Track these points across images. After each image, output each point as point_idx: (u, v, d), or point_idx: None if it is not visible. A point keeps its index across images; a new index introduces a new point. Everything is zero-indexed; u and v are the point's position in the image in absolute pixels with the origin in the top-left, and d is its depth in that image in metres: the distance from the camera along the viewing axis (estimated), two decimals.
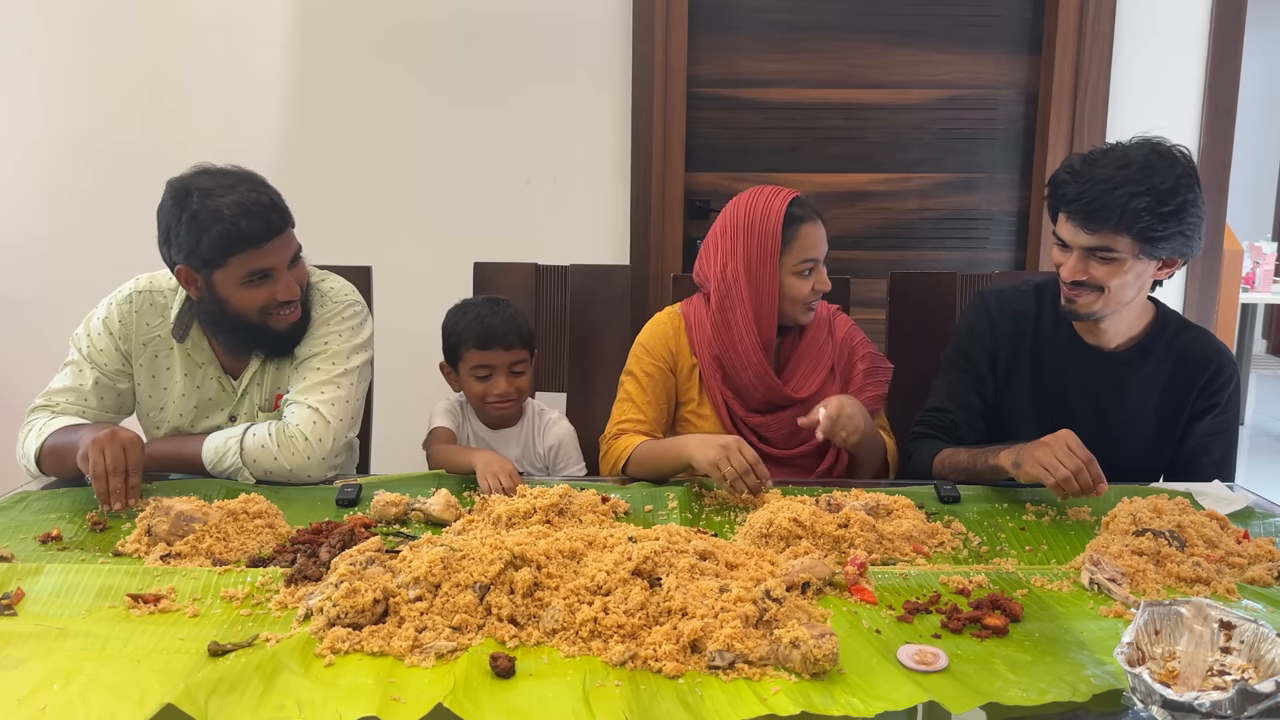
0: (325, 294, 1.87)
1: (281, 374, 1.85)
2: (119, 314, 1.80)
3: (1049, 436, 1.60)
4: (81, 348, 1.80)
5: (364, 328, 1.89)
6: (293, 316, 1.78)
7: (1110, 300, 1.72)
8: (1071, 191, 1.68)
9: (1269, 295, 5.16)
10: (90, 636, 1.12)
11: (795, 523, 1.42)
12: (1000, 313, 1.89)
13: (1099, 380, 1.83)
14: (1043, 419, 1.82)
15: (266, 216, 1.69)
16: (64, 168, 2.83)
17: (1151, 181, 1.63)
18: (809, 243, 1.88)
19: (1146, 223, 1.63)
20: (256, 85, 2.81)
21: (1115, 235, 1.65)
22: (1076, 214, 1.67)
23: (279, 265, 1.73)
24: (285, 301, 1.75)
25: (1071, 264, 1.71)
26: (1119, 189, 1.63)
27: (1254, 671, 1.01)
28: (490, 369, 1.96)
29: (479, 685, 1.02)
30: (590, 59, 2.80)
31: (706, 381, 1.94)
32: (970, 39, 2.90)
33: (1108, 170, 1.65)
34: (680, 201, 2.87)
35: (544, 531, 1.36)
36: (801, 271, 1.88)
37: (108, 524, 1.52)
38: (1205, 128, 2.82)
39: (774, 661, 1.06)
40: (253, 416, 1.84)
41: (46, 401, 1.77)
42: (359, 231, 2.84)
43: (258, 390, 1.85)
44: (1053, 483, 1.55)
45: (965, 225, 2.98)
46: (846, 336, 1.99)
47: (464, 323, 1.98)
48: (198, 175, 1.72)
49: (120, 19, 2.78)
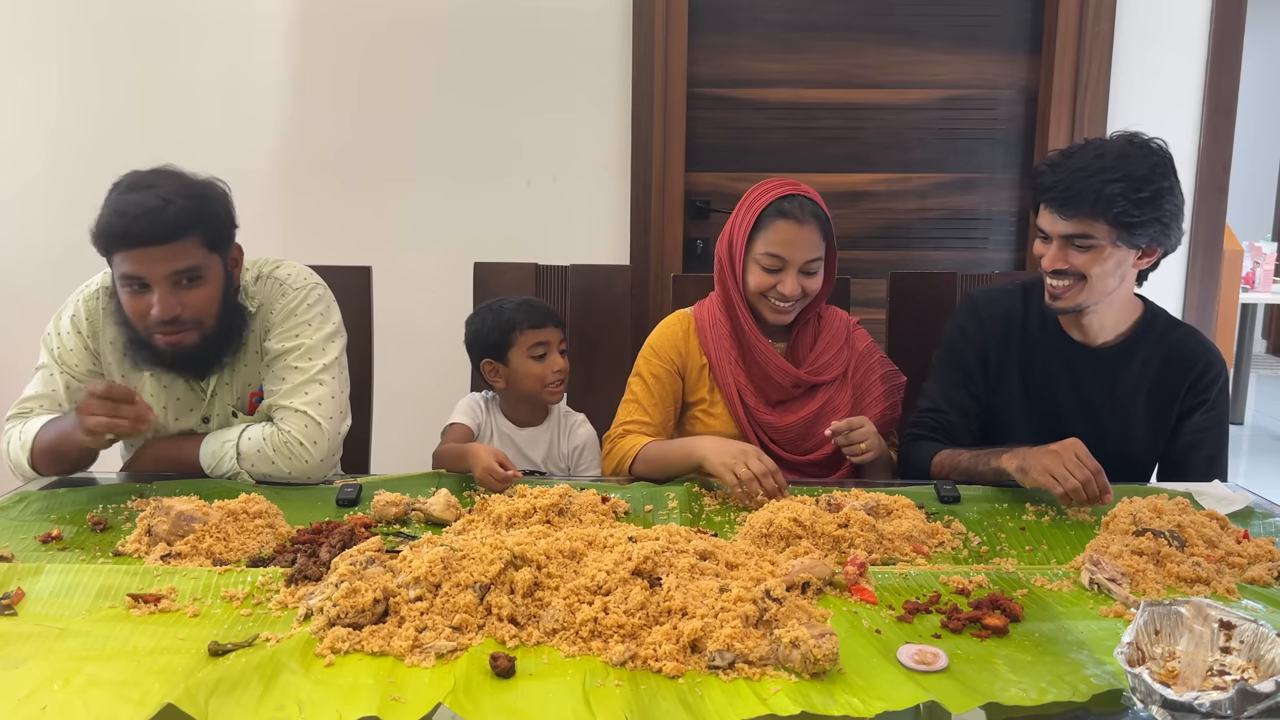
0: (283, 281, 1.80)
1: (250, 371, 1.80)
2: (85, 310, 1.77)
3: (1057, 445, 1.60)
4: (52, 349, 1.77)
5: (331, 312, 1.82)
6: (175, 339, 1.64)
7: (1092, 290, 1.74)
8: (1049, 180, 1.72)
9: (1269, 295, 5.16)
10: (90, 636, 1.12)
11: (795, 523, 1.42)
12: (989, 313, 1.91)
13: (1088, 377, 1.84)
14: (1033, 417, 1.85)
15: (138, 221, 1.56)
16: (63, 167, 2.83)
17: (1127, 169, 1.66)
18: (778, 239, 1.85)
19: (1122, 208, 1.66)
20: (257, 85, 2.81)
21: (1092, 221, 1.69)
22: (1054, 201, 1.71)
23: (153, 278, 1.59)
24: (163, 320, 1.61)
25: (1052, 253, 1.74)
26: (1094, 176, 1.67)
27: (1254, 671, 1.01)
28: (546, 345, 1.99)
29: (479, 685, 1.02)
30: (590, 59, 2.80)
31: (720, 374, 1.93)
32: (970, 39, 2.90)
33: (1084, 160, 1.69)
34: (680, 201, 2.88)
35: (544, 531, 1.36)
36: (764, 264, 1.86)
37: (108, 524, 1.51)
38: (1205, 128, 2.82)
39: (774, 661, 1.06)
40: (225, 418, 1.80)
41: (20, 410, 1.75)
42: (359, 231, 2.84)
43: (227, 390, 1.80)
44: (1061, 492, 1.55)
45: (965, 225, 2.98)
46: (866, 351, 1.99)
47: (509, 310, 2.01)
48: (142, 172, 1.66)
49: (120, 18, 2.78)
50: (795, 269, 1.86)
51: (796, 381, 1.92)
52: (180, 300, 1.62)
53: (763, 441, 1.90)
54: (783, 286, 1.86)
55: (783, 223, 1.85)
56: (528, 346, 1.98)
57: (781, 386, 1.92)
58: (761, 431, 1.92)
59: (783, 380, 1.91)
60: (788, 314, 1.91)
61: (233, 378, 1.81)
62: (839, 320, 2.00)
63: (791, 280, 1.86)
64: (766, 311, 1.91)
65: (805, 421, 1.92)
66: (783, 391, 1.93)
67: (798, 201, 1.87)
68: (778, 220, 1.86)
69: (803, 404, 1.94)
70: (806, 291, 1.88)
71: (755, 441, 1.88)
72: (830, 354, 1.96)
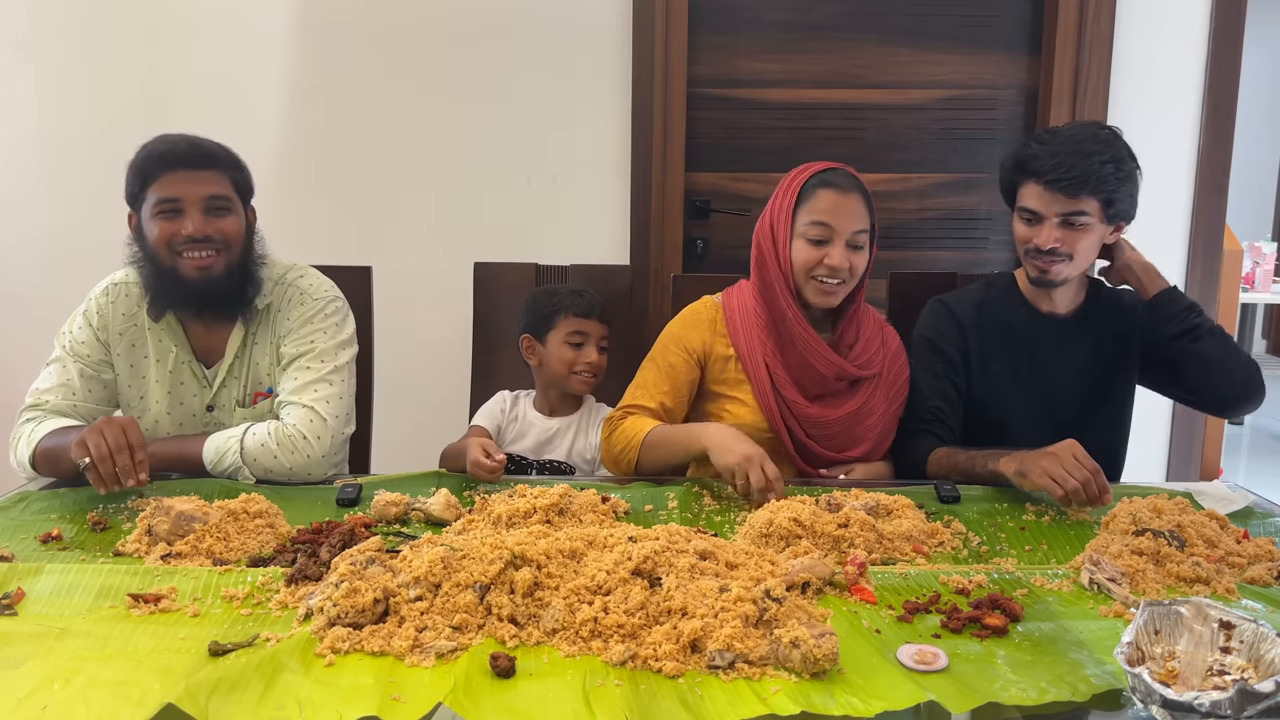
0: (305, 291, 1.87)
1: (260, 369, 1.84)
2: (97, 306, 1.84)
3: (1055, 446, 1.61)
4: (64, 343, 1.82)
5: (346, 323, 1.89)
6: (201, 262, 1.74)
7: (1077, 265, 1.85)
8: (1047, 162, 1.78)
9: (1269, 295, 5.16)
10: (90, 636, 1.12)
11: (795, 523, 1.42)
12: (960, 309, 1.97)
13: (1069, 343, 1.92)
14: (1027, 394, 1.92)
15: (178, 146, 1.73)
16: (62, 166, 2.82)
17: (1111, 151, 1.78)
18: (823, 205, 1.79)
19: (1112, 187, 1.78)
20: (256, 84, 2.81)
21: (1089, 199, 1.79)
22: (1056, 181, 1.78)
23: (188, 199, 1.72)
24: (192, 239, 1.73)
25: (1048, 232, 1.81)
26: (1090, 157, 1.77)
27: (1254, 671, 1.01)
28: (584, 336, 2.05)
29: (479, 685, 1.02)
30: (590, 59, 2.80)
31: (752, 365, 1.85)
32: (970, 39, 2.90)
33: (1069, 143, 1.79)
34: (680, 201, 2.87)
35: (544, 531, 1.36)
36: (809, 235, 1.79)
37: (108, 524, 1.52)
38: (1205, 128, 2.82)
39: (774, 661, 1.06)
40: (230, 410, 1.84)
41: (35, 401, 1.78)
42: (359, 231, 2.84)
43: (235, 384, 1.84)
44: (1061, 494, 1.56)
45: (965, 225, 2.98)
46: (898, 350, 1.95)
47: (561, 294, 2.08)
48: None
49: (118, 17, 2.78)
50: (843, 240, 1.78)
51: (840, 373, 1.84)
52: (216, 228, 1.75)
53: (798, 438, 1.84)
54: (830, 259, 1.77)
55: (827, 191, 1.80)
56: (567, 332, 2.04)
57: (823, 379, 1.84)
58: (799, 426, 1.85)
59: (826, 370, 1.83)
60: (835, 294, 1.82)
61: (242, 371, 1.84)
62: (874, 317, 1.96)
63: (840, 251, 1.78)
64: (812, 294, 1.82)
65: (848, 418, 1.85)
66: (823, 385, 1.85)
67: (841, 173, 1.83)
68: (821, 190, 1.80)
69: (844, 399, 1.87)
70: (854, 268, 1.80)
71: (788, 435, 1.83)
72: (872, 350, 1.90)
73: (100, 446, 1.53)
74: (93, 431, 1.55)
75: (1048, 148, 1.80)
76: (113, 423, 1.57)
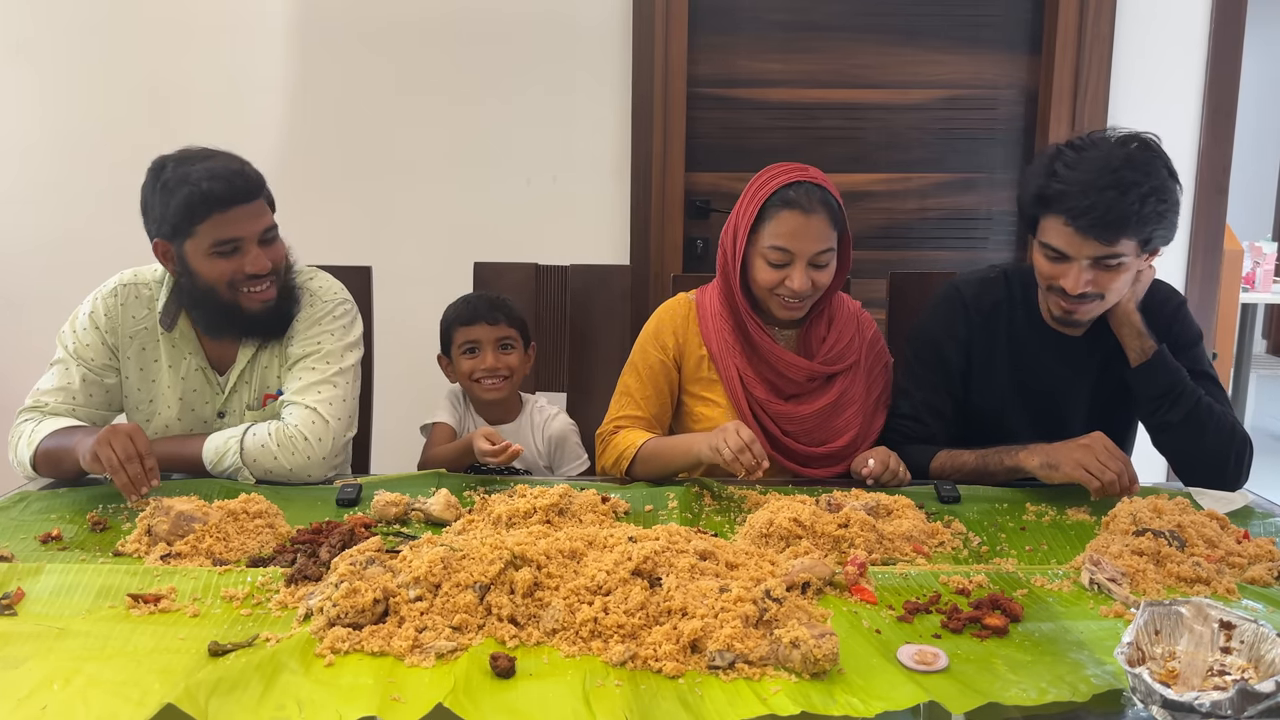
0: (314, 293, 1.86)
1: (270, 373, 1.84)
2: (104, 308, 1.80)
3: (1085, 438, 1.61)
4: (68, 345, 1.80)
5: (355, 326, 1.89)
6: (265, 295, 1.76)
7: (1108, 303, 1.71)
8: (1078, 201, 1.59)
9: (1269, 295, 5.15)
10: (90, 636, 1.12)
11: (795, 523, 1.42)
12: (977, 306, 1.86)
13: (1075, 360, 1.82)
14: (1027, 406, 1.84)
15: (232, 181, 1.69)
16: (63, 168, 2.83)
17: (1151, 181, 1.59)
18: (783, 230, 1.74)
19: (1154, 225, 1.60)
20: (256, 85, 2.81)
21: (1127, 241, 1.61)
22: (1091, 225, 1.59)
23: (247, 236, 1.71)
24: (254, 275, 1.73)
25: (1077, 275, 1.64)
26: (1128, 191, 1.57)
27: (1254, 671, 1.01)
28: (476, 343, 2.02)
29: (479, 685, 1.02)
30: (590, 59, 2.80)
31: (723, 365, 1.85)
32: (970, 39, 2.90)
33: (1101, 175, 1.59)
34: (680, 201, 2.88)
35: (544, 531, 1.36)
36: (770, 259, 1.76)
37: (108, 524, 1.52)
38: (1205, 128, 2.82)
39: (774, 661, 1.06)
40: (241, 415, 1.83)
41: (35, 402, 1.77)
42: (359, 231, 2.84)
43: (246, 388, 1.84)
44: (1097, 485, 1.56)
45: (965, 225, 2.98)
46: (874, 337, 1.94)
47: (453, 306, 2.07)
48: (177, 151, 1.74)
49: (118, 19, 2.78)
50: (804, 262, 1.75)
51: (811, 375, 1.84)
52: (269, 256, 1.75)
53: (773, 435, 1.83)
54: (791, 282, 1.75)
55: (789, 213, 1.74)
56: (459, 343, 2.03)
57: (794, 381, 1.84)
58: (773, 423, 1.84)
59: (795, 375, 1.83)
60: (799, 310, 1.81)
61: (252, 375, 1.84)
62: (847, 306, 1.93)
63: (800, 274, 1.75)
64: (776, 309, 1.81)
65: (823, 412, 1.84)
66: (796, 386, 1.85)
67: (804, 189, 1.75)
68: (783, 211, 1.74)
69: (819, 395, 1.86)
70: (817, 286, 1.78)
71: (762, 434, 1.82)
72: (844, 342, 1.88)
73: (111, 459, 1.53)
74: (101, 444, 1.54)
75: (1076, 175, 1.60)
76: (119, 432, 1.55)
